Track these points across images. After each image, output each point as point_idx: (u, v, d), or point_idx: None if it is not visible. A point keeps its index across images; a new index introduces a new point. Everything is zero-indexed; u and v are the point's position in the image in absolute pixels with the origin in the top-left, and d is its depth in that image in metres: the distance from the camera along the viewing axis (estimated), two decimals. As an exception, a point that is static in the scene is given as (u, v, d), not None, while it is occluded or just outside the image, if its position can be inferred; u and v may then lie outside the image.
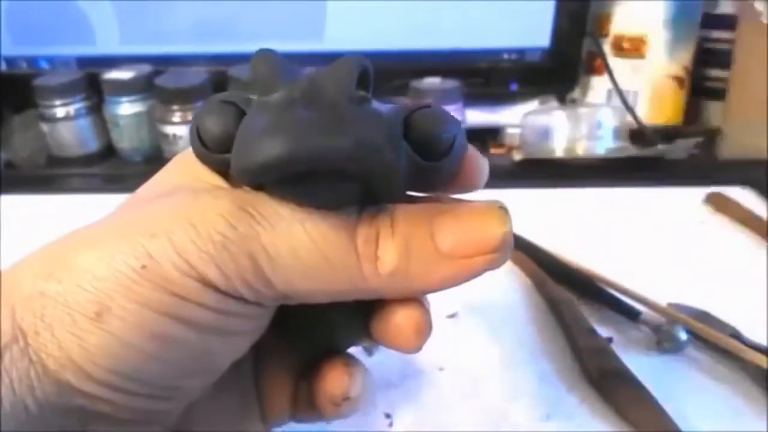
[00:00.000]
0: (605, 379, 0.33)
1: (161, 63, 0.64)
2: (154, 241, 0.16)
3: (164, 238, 0.16)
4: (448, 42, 0.66)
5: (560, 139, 0.60)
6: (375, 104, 0.17)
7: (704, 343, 0.36)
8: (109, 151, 0.65)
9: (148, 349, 0.16)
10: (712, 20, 0.66)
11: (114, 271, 0.15)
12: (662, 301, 0.38)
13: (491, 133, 0.67)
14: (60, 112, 0.61)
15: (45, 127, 0.62)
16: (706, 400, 0.33)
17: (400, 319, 0.18)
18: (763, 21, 0.58)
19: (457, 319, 0.39)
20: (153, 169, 0.20)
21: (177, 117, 0.59)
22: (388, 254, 0.17)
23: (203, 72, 0.62)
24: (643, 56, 0.66)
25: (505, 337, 0.38)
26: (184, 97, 0.59)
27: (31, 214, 0.54)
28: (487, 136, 0.67)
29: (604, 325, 0.38)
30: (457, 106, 0.61)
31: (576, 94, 0.71)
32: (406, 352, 0.19)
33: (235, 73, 0.60)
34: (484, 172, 0.19)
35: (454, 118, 0.18)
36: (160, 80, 0.60)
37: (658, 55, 0.65)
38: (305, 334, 0.21)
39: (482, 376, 0.35)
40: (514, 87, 0.68)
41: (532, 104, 0.68)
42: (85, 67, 0.66)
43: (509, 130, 0.66)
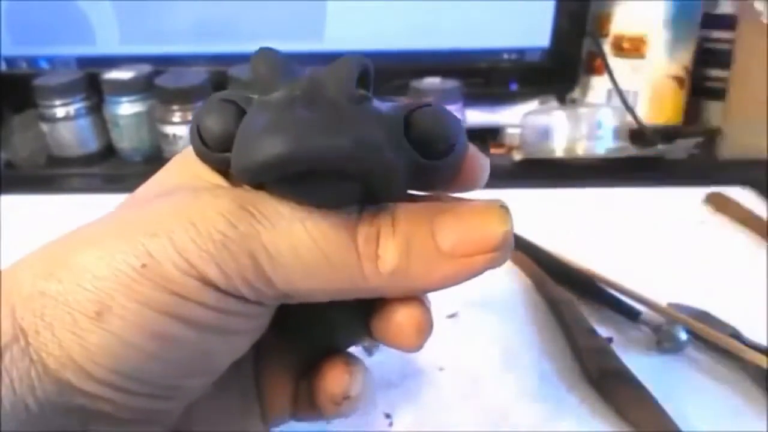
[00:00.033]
0: (605, 379, 0.33)
1: (161, 63, 0.64)
2: (155, 240, 0.16)
3: (164, 237, 0.16)
4: (448, 42, 0.66)
5: (560, 139, 0.60)
6: (375, 103, 0.17)
7: (704, 343, 0.36)
8: (109, 151, 0.65)
9: (149, 349, 0.16)
10: (712, 20, 0.66)
11: (114, 270, 0.15)
12: (662, 301, 0.38)
13: (491, 133, 0.67)
14: (60, 112, 0.61)
15: (45, 127, 0.62)
16: (706, 400, 0.33)
17: (401, 318, 0.18)
18: (763, 21, 0.58)
19: (457, 319, 0.39)
20: (153, 169, 0.20)
21: (177, 117, 0.59)
22: (388, 253, 0.17)
23: (203, 72, 0.62)
24: (643, 56, 0.66)
25: (505, 337, 0.38)
26: (184, 97, 0.59)
27: (31, 214, 0.54)
28: (487, 136, 0.67)
29: (604, 325, 0.38)
30: (457, 106, 0.61)
31: (576, 94, 0.71)
32: (407, 351, 0.19)
33: (235, 73, 0.60)
34: (485, 171, 0.19)
35: (455, 117, 0.18)
36: (160, 80, 0.60)
37: (658, 55, 0.65)
38: (305, 333, 0.21)
39: (482, 376, 0.35)
40: (514, 87, 0.68)
41: (532, 104, 0.68)
42: (85, 67, 0.66)
43: (509, 130, 0.66)
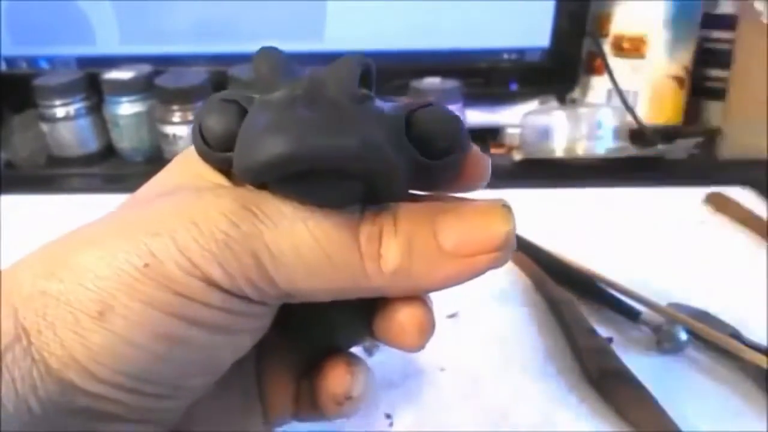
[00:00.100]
0: (605, 379, 0.33)
1: (161, 63, 0.64)
2: (157, 240, 0.16)
3: (167, 237, 0.16)
4: (448, 42, 0.66)
5: (560, 139, 0.60)
6: (377, 103, 0.17)
7: (704, 343, 0.36)
8: (109, 151, 0.65)
9: (151, 348, 0.16)
10: (712, 20, 0.66)
11: (116, 270, 0.15)
12: (662, 301, 0.38)
13: (491, 133, 0.67)
14: (60, 112, 0.61)
15: (45, 127, 0.62)
16: (706, 400, 0.33)
17: (403, 318, 0.18)
18: (763, 21, 0.58)
19: (458, 319, 0.39)
20: (153, 169, 0.20)
21: (177, 117, 0.59)
22: (390, 252, 0.17)
23: (203, 72, 0.62)
24: (643, 56, 0.66)
25: (505, 337, 0.38)
26: (184, 97, 0.59)
27: (31, 214, 0.54)
28: (487, 136, 0.67)
29: (604, 325, 0.38)
30: (457, 106, 0.61)
31: (576, 94, 0.71)
32: (409, 351, 0.19)
33: (235, 73, 0.60)
34: (487, 171, 0.19)
35: (456, 117, 0.18)
36: (160, 80, 0.60)
37: (658, 55, 0.65)
38: (307, 333, 0.21)
39: (482, 376, 0.35)
40: (514, 87, 0.68)
41: (532, 104, 0.68)
42: (85, 67, 0.66)
43: (509, 130, 0.66)
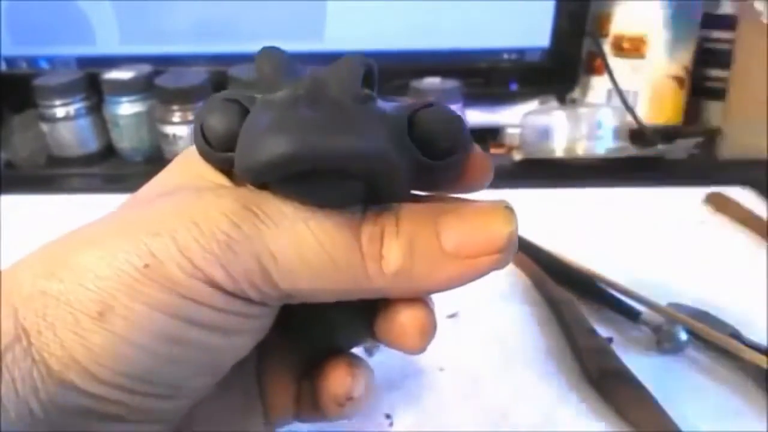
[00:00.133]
0: (605, 379, 0.33)
1: (161, 63, 0.64)
2: (157, 240, 0.16)
3: (167, 237, 0.16)
4: (448, 42, 0.66)
5: (560, 139, 0.60)
6: (379, 103, 0.17)
7: (704, 343, 0.36)
8: (109, 151, 0.65)
9: (152, 349, 0.16)
10: (712, 20, 0.66)
11: (116, 270, 0.15)
12: (662, 301, 0.38)
13: (491, 133, 0.67)
14: (60, 112, 0.61)
15: (45, 127, 0.62)
16: (706, 400, 0.33)
17: (405, 319, 0.18)
18: (763, 21, 0.58)
19: (457, 319, 0.39)
20: (153, 169, 0.20)
21: (177, 117, 0.59)
22: (392, 253, 0.17)
23: (203, 72, 0.62)
24: (643, 56, 0.66)
25: (505, 337, 0.38)
26: (184, 97, 0.59)
27: (31, 214, 0.54)
28: (487, 136, 0.67)
29: (604, 325, 0.38)
30: (457, 106, 0.61)
31: (576, 94, 0.71)
32: (410, 353, 0.19)
33: (235, 73, 0.60)
34: (489, 172, 0.19)
35: (458, 117, 0.18)
36: (160, 80, 0.60)
37: (658, 55, 0.65)
38: (308, 334, 0.21)
39: (482, 376, 0.35)
40: (514, 87, 0.68)
41: (532, 104, 0.68)
42: (85, 67, 0.66)
43: (509, 130, 0.66)
